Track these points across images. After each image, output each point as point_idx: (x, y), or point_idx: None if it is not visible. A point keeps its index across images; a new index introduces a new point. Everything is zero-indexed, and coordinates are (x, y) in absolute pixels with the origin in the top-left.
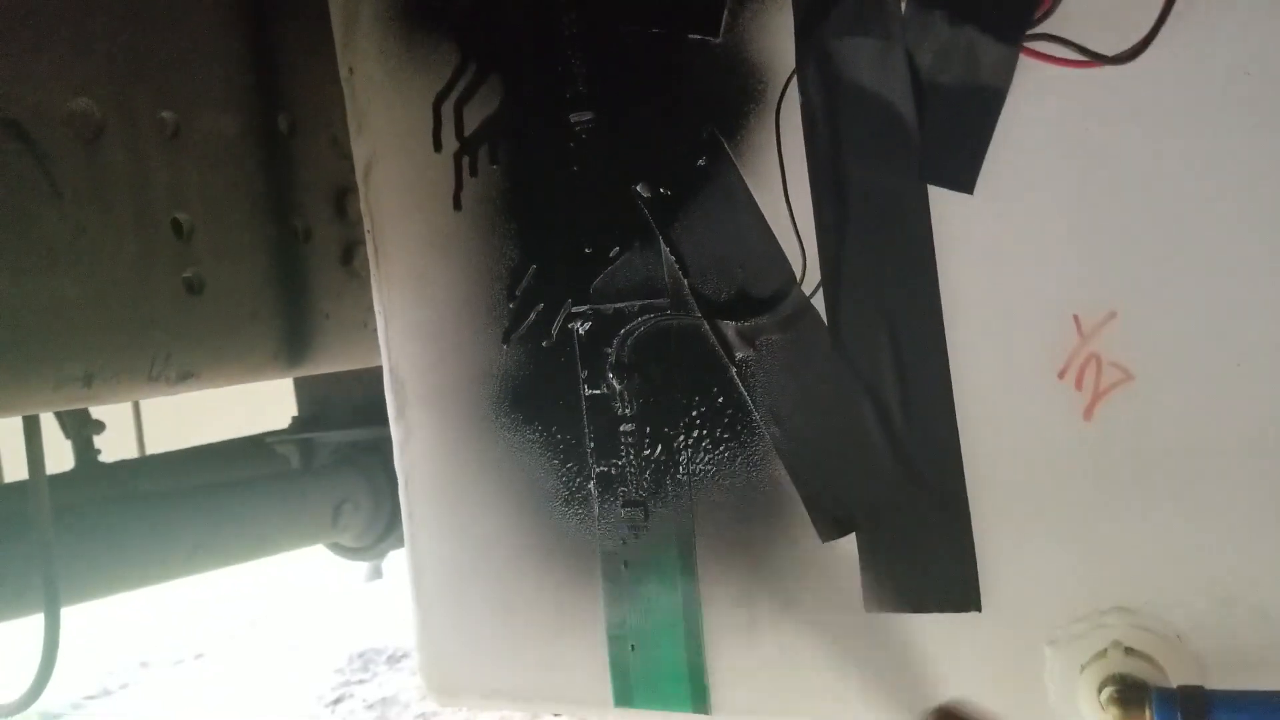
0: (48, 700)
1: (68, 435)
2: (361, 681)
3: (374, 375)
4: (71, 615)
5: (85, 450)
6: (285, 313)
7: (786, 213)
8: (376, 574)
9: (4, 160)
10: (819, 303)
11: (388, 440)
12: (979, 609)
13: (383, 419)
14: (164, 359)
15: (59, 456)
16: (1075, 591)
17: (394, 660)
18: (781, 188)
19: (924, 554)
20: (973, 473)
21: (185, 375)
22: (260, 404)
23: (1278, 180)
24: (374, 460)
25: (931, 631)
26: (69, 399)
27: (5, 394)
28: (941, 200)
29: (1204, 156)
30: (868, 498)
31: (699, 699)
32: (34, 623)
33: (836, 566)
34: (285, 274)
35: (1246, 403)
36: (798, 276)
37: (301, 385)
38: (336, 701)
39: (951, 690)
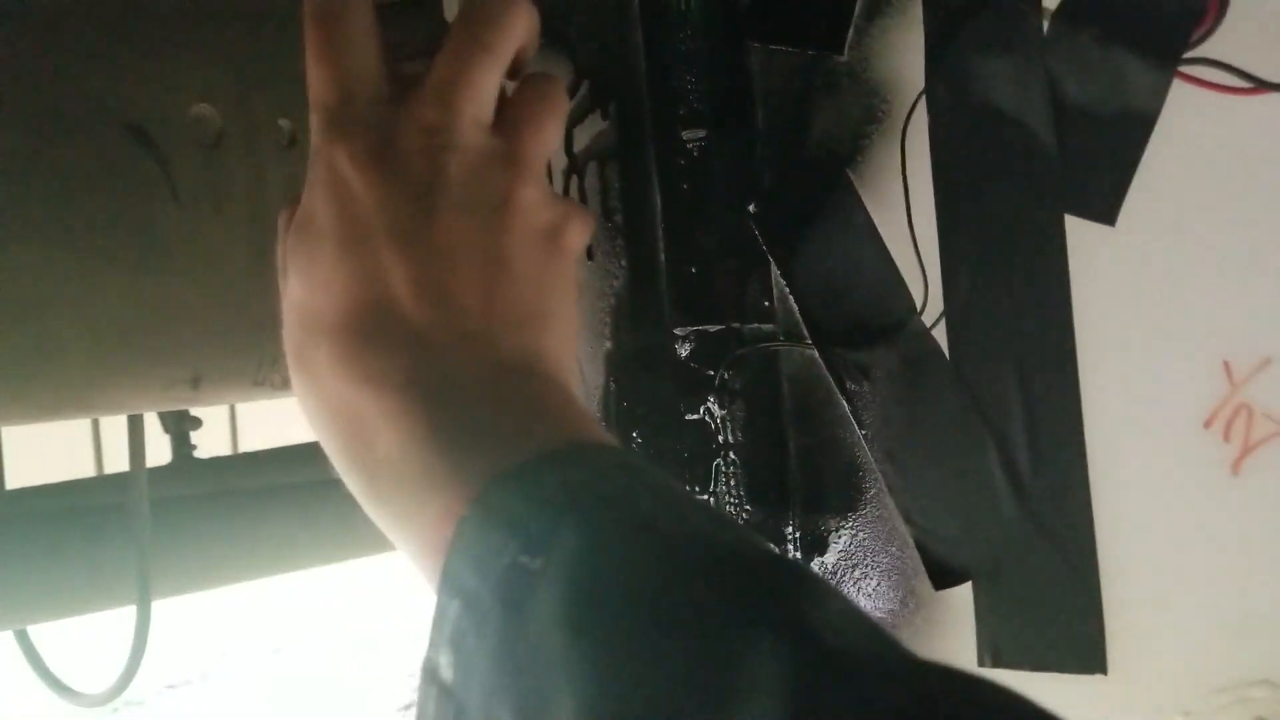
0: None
1: (166, 430)
2: None
3: None
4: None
5: (182, 446)
6: None
7: (908, 238)
8: None
9: (128, 163)
10: (940, 335)
11: None
12: (1104, 671)
13: None
14: (270, 363)
15: (155, 451)
16: (1215, 660)
17: None
18: (905, 213)
19: (1046, 609)
20: (1104, 525)
21: (289, 381)
22: None
23: None
24: None
25: (1050, 691)
26: (176, 400)
27: (116, 394)
28: (1079, 231)
29: None
30: (987, 546)
31: None
32: (121, 614)
33: (949, 615)
34: None
35: None
36: (919, 306)
37: None
38: (408, 707)
39: None
